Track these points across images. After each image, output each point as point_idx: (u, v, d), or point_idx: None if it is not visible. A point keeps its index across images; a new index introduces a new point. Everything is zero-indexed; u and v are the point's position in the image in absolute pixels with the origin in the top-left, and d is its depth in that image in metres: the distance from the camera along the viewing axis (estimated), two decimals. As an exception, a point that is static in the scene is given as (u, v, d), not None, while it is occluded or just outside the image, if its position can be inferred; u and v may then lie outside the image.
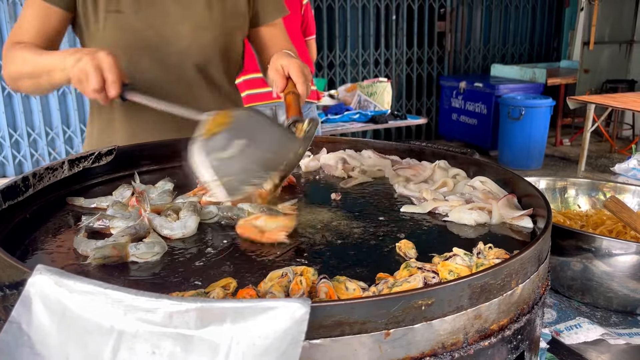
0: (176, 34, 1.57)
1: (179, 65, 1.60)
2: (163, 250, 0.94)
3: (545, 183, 1.65)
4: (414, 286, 0.77)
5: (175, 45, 1.58)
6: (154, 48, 1.56)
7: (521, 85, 7.24)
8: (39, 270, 0.68)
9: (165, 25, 1.56)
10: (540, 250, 0.84)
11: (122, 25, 1.52)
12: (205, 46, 1.61)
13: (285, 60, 1.38)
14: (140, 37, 1.55)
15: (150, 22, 1.54)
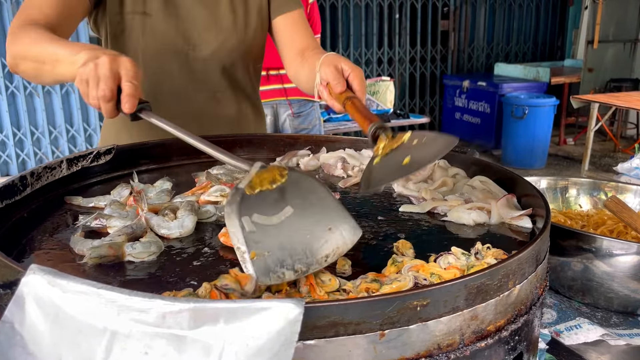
0: (203, 39, 1.57)
1: (204, 71, 1.59)
2: (159, 249, 0.93)
3: (547, 182, 1.64)
4: (404, 285, 0.77)
5: (202, 51, 1.57)
6: (182, 53, 1.55)
7: (525, 84, 7.22)
8: (32, 270, 0.68)
9: (192, 30, 1.55)
10: (538, 250, 0.83)
11: (150, 28, 1.50)
12: (231, 51, 1.61)
13: (346, 63, 1.26)
14: (168, 42, 1.53)
15: (178, 27, 1.53)
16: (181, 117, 1.53)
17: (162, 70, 1.56)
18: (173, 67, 1.56)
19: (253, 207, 0.81)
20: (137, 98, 1.05)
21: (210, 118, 1.65)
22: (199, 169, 1.44)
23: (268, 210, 0.82)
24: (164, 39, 1.52)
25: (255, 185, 0.84)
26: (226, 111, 1.67)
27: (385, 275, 0.84)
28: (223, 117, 1.66)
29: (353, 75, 1.24)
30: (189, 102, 1.60)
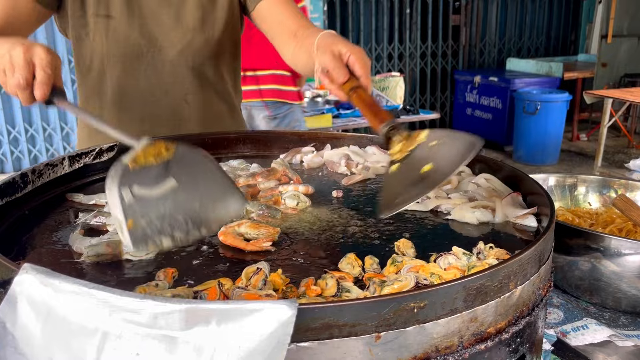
0: (168, 40, 1.51)
1: (172, 72, 1.54)
2: (157, 248, 0.93)
3: (555, 180, 1.62)
4: (405, 285, 0.75)
5: (168, 52, 1.52)
6: (147, 55, 1.51)
7: (537, 80, 7.14)
8: (25, 269, 0.67)
9: (157, 31, 1.50)
10: (541, 251, 0.81)
11: (113, 31, 1.46)
12: (199, 49, 1.55)
13: (344, 45, 1.15)
14: (132, 44, 1.49)
15: (142, 28, 1.48)
16: (149, 121, 1.55)
17: (127, 74, 1.51)
18: (139, 69, 1.52)
19: (135, 180, 0.86)
20: (49, 85, 1.05)
21: (181, 120, 1.59)
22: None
23: (151, 183, 0.87)
24: (128, 41, 1.48)
25: (139, 159, 0.89)
26: (198, 113, 1.61)
27: (385, 275, 0.83)
28: (194, 119, 1.60)
29: (353, 58, 1.13)
30: (158, 105, 1.55)
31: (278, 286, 0.76)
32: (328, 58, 1.15)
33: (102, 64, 1.50)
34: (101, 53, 1.48)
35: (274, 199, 1.11)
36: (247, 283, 0.78)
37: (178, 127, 1.59)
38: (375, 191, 1.26)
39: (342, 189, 1.25)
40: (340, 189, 1.25)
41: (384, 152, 1.45)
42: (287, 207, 1.11)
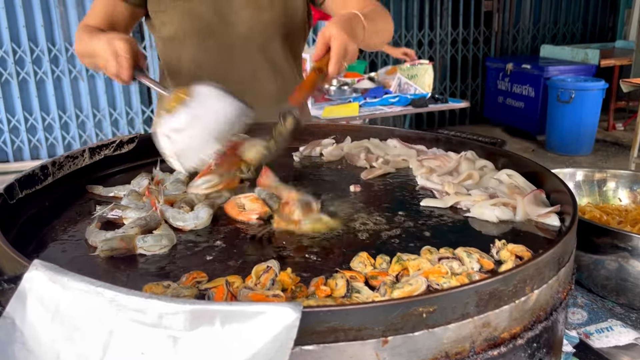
0: (239, 17, 1.62)
1: (242, 47, 1.65)
2: (171, 242, 0.93)
3: (584, 175, 1.56)
4: (416, 288, 0.74)
5: (239, 28, 1.63)
6: (219, 32, 1.62)
7: (572, 67, 6.93)
8: (35, 265, 0.68)
9: (228, 10, 1.61)
10: (560, 253, 0.78)
11: (189, 12, 1.59)
12: (266, 27, 1.64)
13: (335, 29, 1.23)
14: (206, 23, 1.61)
15: (215, 8, 1.60)
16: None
17: (202, 50, 1.64)
18: (212, 46, 1.63)
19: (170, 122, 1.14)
20: (128, 69, 1.27)
21: (251, 96, 1.64)
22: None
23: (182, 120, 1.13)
24: (202, 19, 1.60)
25: (170, 107, 1.15)
26: (266, 88, 1.71)
27: (389, 273, 0.81)
28: (263, 93, 1.69)
29: (334, 43, 1.22)
30: (230, 79, 1.61)
31: (287, 285, 0.76)
32: (319, 36, 1.27)
33: (180, 42, 1.64)
34: (179, 32, 1.62)
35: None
36: (257, 281, 0.77)
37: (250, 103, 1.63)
38: (395, 186, 1.23)
39: (361, 184, 1.23)
40: (358, 183, 1.23)
41: (404, 145, 1.43)
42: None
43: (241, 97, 1.63)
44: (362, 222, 1.03)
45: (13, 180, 1.00)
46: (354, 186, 1.20)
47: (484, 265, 0.84)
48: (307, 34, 1.79)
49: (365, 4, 1.55)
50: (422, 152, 1.40)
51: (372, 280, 0.80)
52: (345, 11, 1.50)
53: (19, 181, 1.02)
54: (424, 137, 1.44)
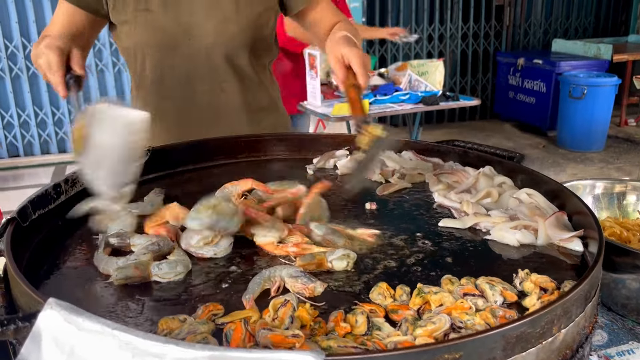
0: (203, 30, 1.56)
1: (207, 59, 1.59)
2: (186, 269, 0.91)
3: (603, 187, 1.53)
4: (439, 327, 0.71)
5: (202, 41, 1.57)
6: (184, 44, 1.56)
7: (584, 62, 6.85)
8: (49, 304, 0.66)
9: (191, 22, 1.55)
10: (588, 289, 0.76)
11: (151, 24, 1.53)
12: (232, 39, 1.58)
13: (346, 48, 1.29)
14: (169, 35, 1.55)
15: (178, 20, 1.54)
16: (186, 108, 1.64)
17: (164, 62, 1.58)
18: (175, 59, 1.58)
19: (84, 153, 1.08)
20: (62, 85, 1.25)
21: (216, 108, 1.65)
22: (235, 169, 1.42)
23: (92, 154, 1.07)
24: (165, 32, 1.54)
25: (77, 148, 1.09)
26: (233, 100, 1.66)
27: (410, 307, 0.79)
28: (232, 107, 1.66)
29: (352, 61, 1.27)
30: (194, 93, 1.62)
31: (306, 322, 0.74)
32: (332, 61, 1.31)
33: (143, 54, 1.58)
34: (141, 43, 1.57)
35: (317, 261, 0.97)
36: (275, 316, 0.75)
37: (217, 115, 1.65)
38: (412, 203, 1.21)
39: (376, 200, 1.21)
40: (374, 200, 1.21)
41: (420, 158, 1.40)
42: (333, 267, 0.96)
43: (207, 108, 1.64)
44: (379, 245, 1.01)
45: (26, 202, 0.99)
46: (369, 204, 1.18)
47: (507, 297, 0.82)
48: (276, 44, 1.74)
49: (339, 15, 1.63)
50: (438, 166, 1.37)
51: (392, 314, 0.78)
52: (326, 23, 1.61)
53: (32, 202, 1.01)
54: (440, 149, 1.41)
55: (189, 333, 0.72)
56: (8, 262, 0.80)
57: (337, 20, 1.61)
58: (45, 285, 0.89)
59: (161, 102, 1.62)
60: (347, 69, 1.27)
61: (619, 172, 5.97)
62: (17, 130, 6.06)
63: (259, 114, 1.71)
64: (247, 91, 1.67)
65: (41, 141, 6.21)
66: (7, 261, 0.82)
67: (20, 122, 6.05)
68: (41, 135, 6.19)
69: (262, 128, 1.68)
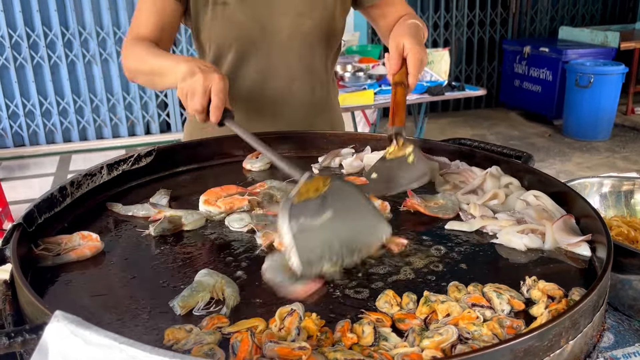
0: (278, 24, 1.56)
1: (281, 56, 1.59)
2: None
3: (610, 185, 1.52)
4: (446, 339, 0.71)
5: (278, 36, 1.57)
6: (259, 40, 1.56)
7: (591, 50, 6.78)
8: (56, 317, 0.66)
9: (268, 17, 1.55)
10: (596, 300, 0.76)
11: (228, 18, 1.53)
12: (306, 34, 1.58)
13: (409, 40, 1.27)
14: (245, 30, 1.55)
15: (254, 14, 1.54)
16: (256, 101, 1.64)
17: (241, 58, 1.58)
18: (250, 54, 1.58)
19: (300, 212, 0.93)
20: (221, 110, 1.20)
21: (284, 106, 1.65)
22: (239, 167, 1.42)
23: (312, 214, 0.94)
24: (241, 27, 1.54)
25: (302, 194, 0.96)
26: (303, 98, 1.66)
27: (416, 315, 0.79)
28: (300, 103, 1.66)
29: (410, 56, 1.26)
30: (265, 88, 1.62)
31: (312, 332, 0.74)
32: (392, 48, 1.30)
33: (219, 49, 1.58)
34: (217, 38, 1.57)
35: None
36: (281, 325, 0.75)
37: (281, 112, 1.65)
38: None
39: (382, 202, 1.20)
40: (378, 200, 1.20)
41: (427, 157, 1.39)
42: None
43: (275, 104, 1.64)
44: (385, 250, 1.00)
45: (32, 207, 0.98)
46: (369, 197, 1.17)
47: (514, 306, 0.81)
48: (342, 39, 1.73)
49: (407, 9, 1.64)
50: (444, 165, 1.36)
51: (399, 323, 0.78)
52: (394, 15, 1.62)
53: (38, 206, 1.01)
54: (447, 148, 1.40)
55: (195, 343, 0.72)
56: (15, 270, 0.80)
57: (405, 13, 1.61)
58: (52, 291, 0.89)
59: (236, 96, 1.60)
60: (403, 61, 1.26)
61: (625, 162, 5.94)
62: (22, 119, 6.07)
63: (321, 113, 1.72)
64: (318, 89, 1.67)
65: (46, 130, 6.22)
66: (13, 269, 0.82)
67: (25, 111, 6.05)
68: (46, 125, 6.20)
69: (318, 126, 1.69)
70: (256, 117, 1.63)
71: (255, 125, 1.55)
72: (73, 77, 6.13)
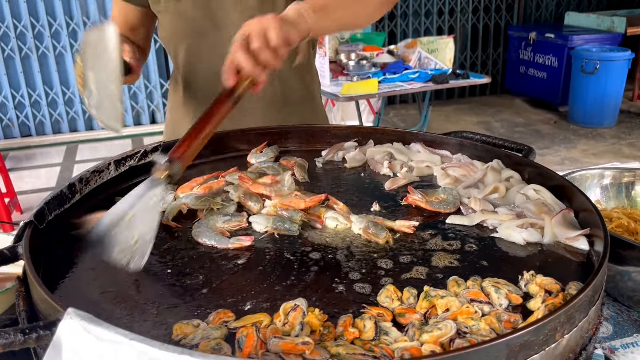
0: (229, 19, 1.56)
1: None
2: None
3: (611, 176, 1.53)
4: (445, 333, 0.74)
5: (228, 31, 1.56)
6: (211, 35, 1.58)
7: (597, 36, 6.74)
8: (69, 314, 0.69)
9: (218, 12, 1.56)
10: (591, 295, 0.78)
11: (180, 14, 1.56)
12: None
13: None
14: (197, 25, 1.57)
15: (205, 10, 1.56)
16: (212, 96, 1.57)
17: (193, 53, 1.61)
18: (203, 49, 1.60)
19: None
20: None
21: (247, 98, 1.61)
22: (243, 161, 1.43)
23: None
24: (194, 22, 1.57)
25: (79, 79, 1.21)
26: (259, 93, 1.61)
27: (416, 310, 0.81)
28: (255, 98, 1.63)
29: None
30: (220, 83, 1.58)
31: (315, 327, 0.76)
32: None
33: (175, 44, 1.63)
34: (173, 33, 1.61)
35: (318, 214, 1.11)
36: (285, 320, 0.78)
37: (242, 106, 1.60)
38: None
39: (385, 195, 1.22)
40: (382, 195, 1.22)
41: (428, 150, 1.41)
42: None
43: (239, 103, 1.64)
44: (386, 243, 1.02)
45: (42, 205, 1.01)
46: (375, 204, 1.18)
47: (512, 300, 0.83)
48: None
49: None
50: (446, 158, 1.38)
51: (399, 317, 0.80)
52: None
53: (48, 204, 1.03)
54: (448, 142, 1.42)
55: (202, 338, 0.75)
56: (27, 267, 0.83)
57: None
58: (63, 287, 0.91)
59: (193, 92, 1.66)
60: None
61: (631, 148, 5.92)
62: (28, 110, 6.11)
63: (291, 106, 1.71)
64: (277, 81, 1.65)
65: (52, 120, 6.26)
66: (26, 266, 0.85)
67: (31, 101, 6.09)
68: (52, 115, 6.24)
69: (294, 120, 1.68)
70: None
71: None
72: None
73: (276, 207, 1.11)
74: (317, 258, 0.98)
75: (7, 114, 6.06)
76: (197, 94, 1.67)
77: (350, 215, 1.09)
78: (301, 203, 1.12)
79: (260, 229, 1.07)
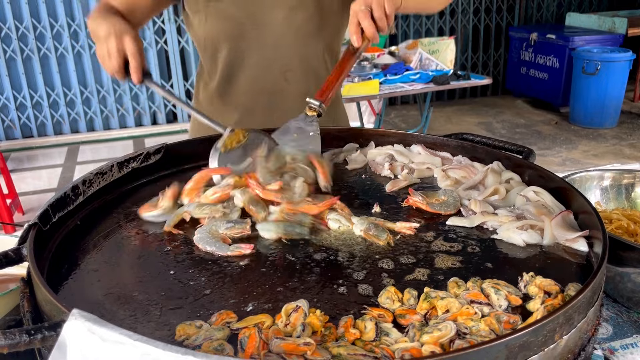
0: (271, 18, 1.58)
1: (274, 49, 1.62)
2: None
3: (611, 178, 1.54)
4: (445, 334, 0.74)
5: (270, 30, 1.60)
6: (251, 35, 1.60)
7: (598, 37, 6.75)
8: (74, 315, 0.70)
9: (260, 11, 1.58)
10: (590, 296, 0.78)
11: (222, 15, 1.57)
12: (299, 27, 1.60)
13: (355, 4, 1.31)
14: (239, 25, 1.59)
15: (247, 10, 1.58)
16: (252, 94, 1.68)
17: (234, 52, 1.62)
18: (243, 47, 1.61)
19: (227, 159, 1.24)
20: (140, 70, 1.33)
21: (280, 96, 1.68)
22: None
23: (236, 160, 1.25)
24: (234, 21, 1.58)
25: (227, 145, 1.26)
26: (296, 89, 1.67)
27: (417, 311, 0.82)
28: (292, 96, 1.67)
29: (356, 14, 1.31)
30: (259, 80, 1.66)
31: (316, 328, 0.77)
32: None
33: (214, 44, 1.63)
34: (212, 34, 1.62)
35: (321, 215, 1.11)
36: (287, 321, 0.78)
37: (276, 103, 1.68)
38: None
39: (385, 196, 1.23)
40: (383, 197, 1.23)
41: (429, 152, 1.42)
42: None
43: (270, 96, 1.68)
44: (387, 243, 1.03)
45: (46, 206, 1.02)
46: (376, 205, 1.19)
47: (511, 301, 0.84)
48: (345, 26, 1.71)
49: None
50: (447, 160, 1.39)
51: (400, 318, 0.81)
52: None
53: (52, 206, 1.04)
54: (449, 143, 1.42)
55: (205, 339, 0.75)
56: (32, 269, 0.84)
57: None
58: (67, 288, 0.92)
59: (228, 90, 1.67)
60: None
61: (632, 149, 5.93)
62: (30, 111, 6.12)
63: None
64: (313, 80, 1.67)
65: (54, 122, 6.28)
66: (30, 267, 0.86)
67: (32, 103, 6.11)
68: (54, 116, 6.25)
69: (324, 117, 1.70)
70: (253, 110, 1.67)
71: (252, 119, 1.61)
72: (80, 68, 6.16)
73: (283, 212, 1.11)
74: (319, 259, 0.99)
75: (8, 115, 6.08)
76: (238, 92, 1.67)
77: (351, 217, 1.09)
78: (313, 209, 1.11)
79: (271, 236, 1.05)
